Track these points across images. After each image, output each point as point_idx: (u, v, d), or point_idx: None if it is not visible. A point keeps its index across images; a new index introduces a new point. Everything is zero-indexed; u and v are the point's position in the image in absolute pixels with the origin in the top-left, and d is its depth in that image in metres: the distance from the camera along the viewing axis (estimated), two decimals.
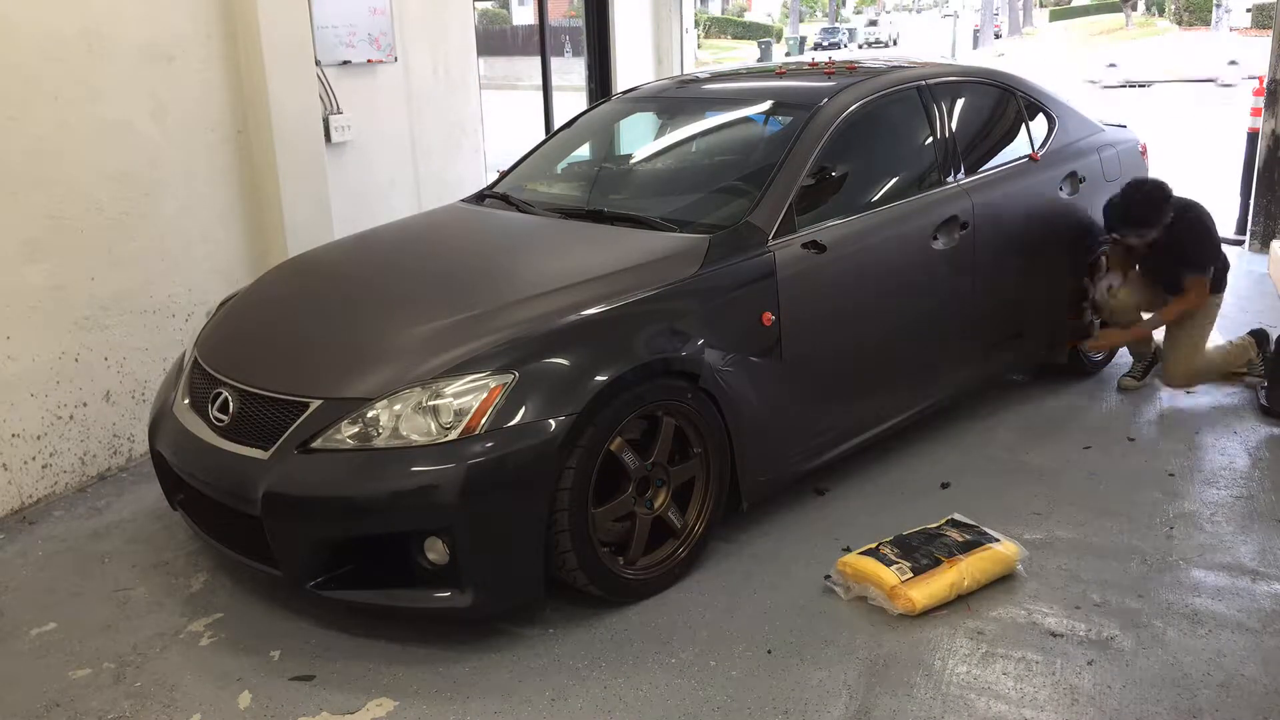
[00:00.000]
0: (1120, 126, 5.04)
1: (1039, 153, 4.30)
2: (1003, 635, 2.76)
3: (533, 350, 2.73)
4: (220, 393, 2.93)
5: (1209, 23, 28.38)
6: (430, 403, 2.62)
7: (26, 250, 3.55)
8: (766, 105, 4.03)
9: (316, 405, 2.71)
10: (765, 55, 35.64)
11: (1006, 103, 4.35)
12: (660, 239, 3.28)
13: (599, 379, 2.70)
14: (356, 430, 2.63)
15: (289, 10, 4.30)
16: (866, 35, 50.45)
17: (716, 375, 2.98)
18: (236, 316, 3.35)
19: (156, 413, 3.20)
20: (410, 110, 5.32)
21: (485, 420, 2.59)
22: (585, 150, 4.34)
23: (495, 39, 20.57)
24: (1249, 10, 35.84)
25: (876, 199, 3.67)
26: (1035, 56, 30.27)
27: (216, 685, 2.63)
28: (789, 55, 40.51)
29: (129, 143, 3.85)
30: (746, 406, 3.08)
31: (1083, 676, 2.57)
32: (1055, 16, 55.08)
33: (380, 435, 2.61)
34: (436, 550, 2.62)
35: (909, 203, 3.72)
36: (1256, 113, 6.98)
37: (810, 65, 4.38)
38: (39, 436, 3.68)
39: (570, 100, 7.75)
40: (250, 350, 3.11)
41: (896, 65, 4.07)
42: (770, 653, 2.70)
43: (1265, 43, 7.21)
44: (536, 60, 7.36)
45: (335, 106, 4.78)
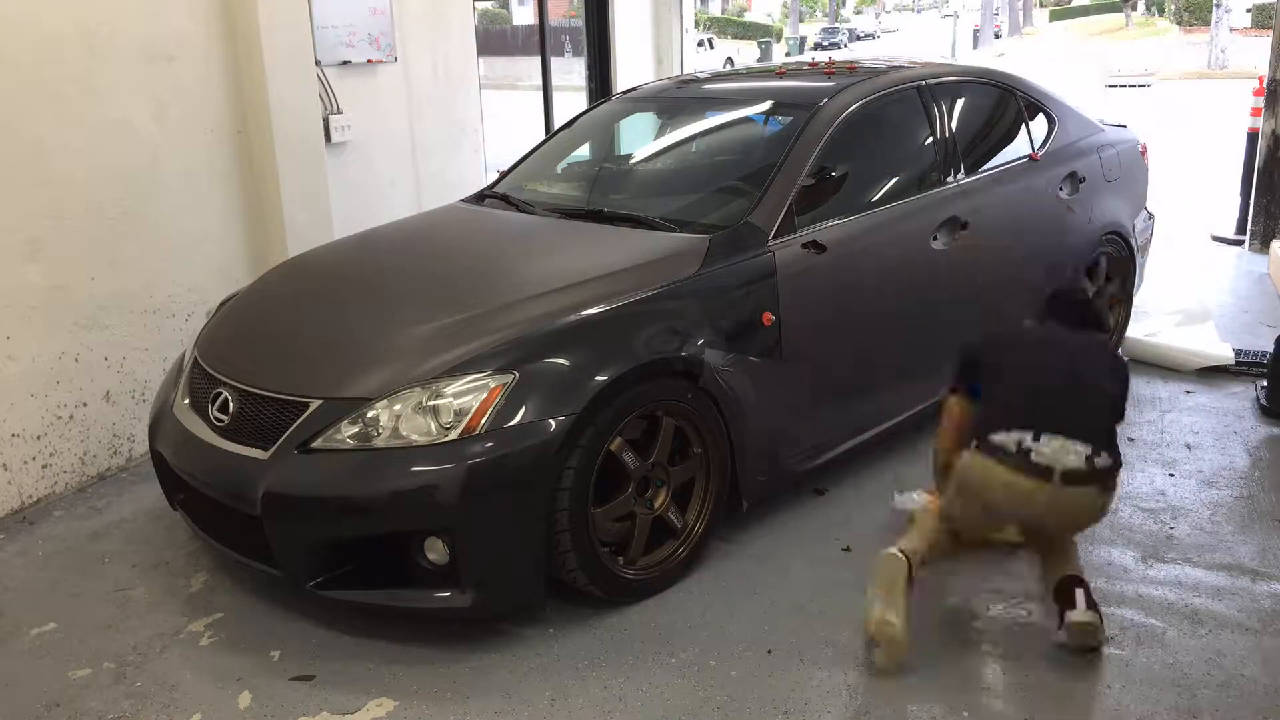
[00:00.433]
0: (1120, 126, 5.04)
1: (1039, 153, 4.30)
2: (1003, 635, 2.76)
3: (533, 350, 2.73)
4: (220, 393, 2.93)
5: (1209, 23, 28.36)
6: (430, 403, 2.62)
7: (26, 250, 3.55)
8: (766, 105, 4.03)
9: (316, 405, 2.71)
10: (765, 55, 35.64)
11: (1006, 103, 4.35)
12: (660, 239, 3.28)
13: (599, 379, 2.70)
14: (356, 430, 2.64)
15: (289, 10, 4.30)
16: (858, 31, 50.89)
17: (716, 375, 2.98)
18: (236, 316, 3.35)
19: (156, 413, 3.20)
20: (410, 110, 5.32)
21: (485, 420, 2.59)
22: (585, 150, 4.34)
23: (495, 39, 20.58)
24: (1249, 10, 35.80)
25: (876, 199, 3.68)
26: (1036, 56, 30.24)
27: (216, 685, 2.63)
28: (789, 55, 40.50)
29: (129, 142, 3.85)
30: (746, 406, 3.08)
31: (1083, 676, 2.57)
32: (1055, 16, 55.05)
33: (380, 435, 2.61)
34: (436, 550, 2.62)
35: (909, 203, 3.73)
36: (1256, 113, 6.96)
37: (810, 65, 4.38)
38: (39, 436, 3.68)
39: (570, 100, 7.75)
40: (250, 350, 3.11)
41: (896, 65, 4.07)
42: (770, 653, 2.70)
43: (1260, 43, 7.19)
44: (536, 60, 7.36)
45: (335, 106, 4.78)
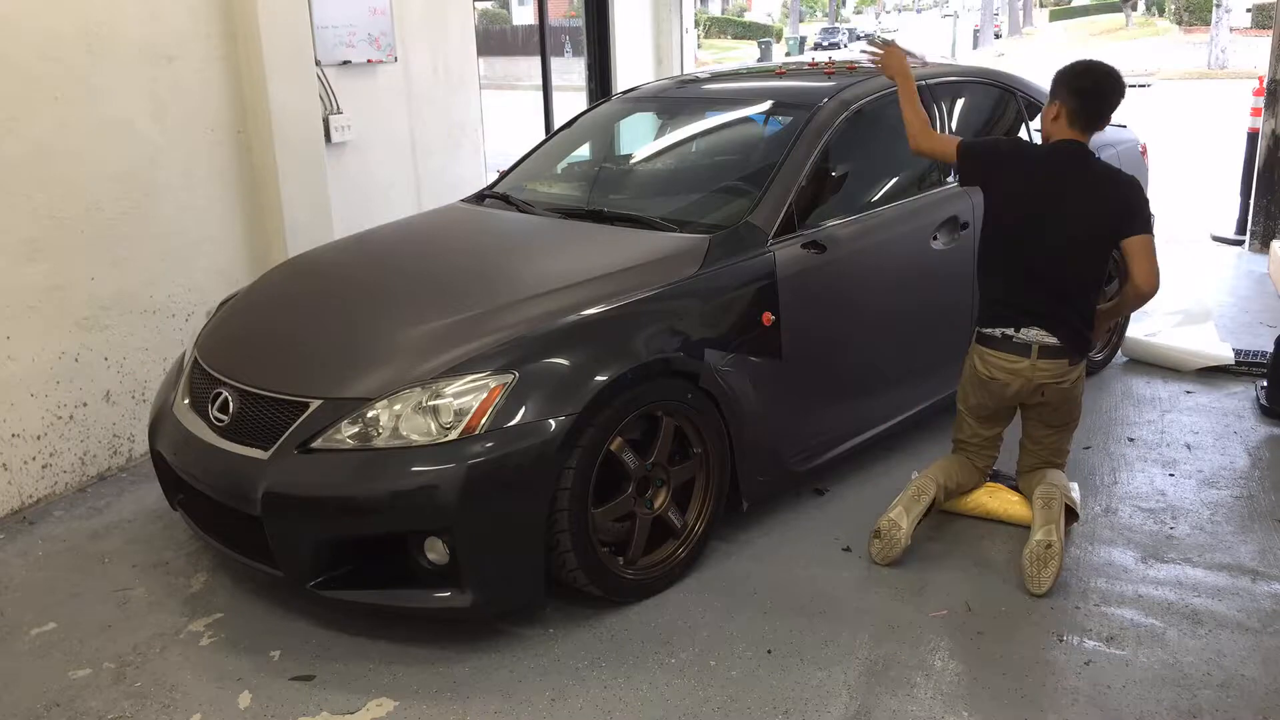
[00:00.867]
0: (1120, 126, 5.03)
1: None
2: (1003, 635, 2.76)
3: (533, 350, 2.73)
4: (220, 393, 2.93)
5: (1209, 23, 28.33)
6: (430, 403, 2.62)
7: (26, 250, 3.55)
8: (766, 105, 4.03)
9: (316, 405, 2.71)
10: (765, 55, 35.65)
11: (1006, 102, 4.35)
12: (660, 239, 3.28)
13: (599, 379, 2.70)
14: (356, 430, 2.63)
15: (289, 10, 4.30)
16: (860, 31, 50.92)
17: (716, 375, 2.98)
18: (236, 316, 3.35)
19: (156, 413, 3.20)
20: (410, 110, 5.32)
21: (485, 420, 2.59)
22: (585, 150, 4.34)
23: (495, 39, 20.57)
24: (1249, 10, 35.76)
25: (876, 199, 3.68)
26: (1036, 56, 30.25)
27: (216, 685, 2.63)
28: (789, 55, 40.51)
29: (129, 143, 3.85)
30: (746, 406, 3.08)
31: (1082, 676, 2.57)
32: (1055, 16, 55.02)
33: (380, 435, 2.61)
34: (436, 550, 2.62)
35: (909, 203, 3.73)
36: (1257, 113, 6.96)
37: (810, 65, 4.38)
38: (39, 436, 3.68)
39: (570, 100, 7.75)
40: (250, 350, 3.11)
41: None
42: (770, 653, 2.70)
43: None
44: (536, 60, 7.36)
45: (335, 106, 4.78)
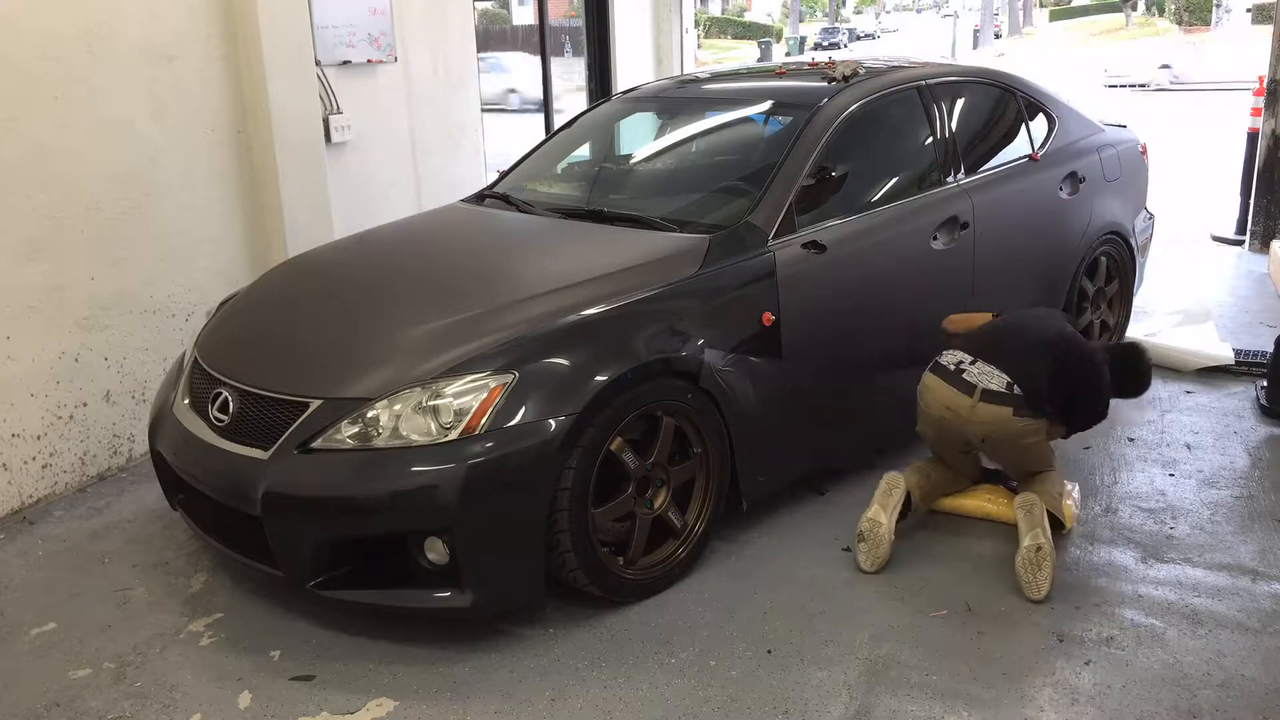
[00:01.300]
0: (1120, 126, 5.04)
1: (1039, 152, 4.30)
2: (1003, 635, 2.76)
3: (533, 350, 2.73)
4: (220, 393, 2.93)
5: (1209, 23, 28.34)
6: (430, 403, 2.62)
7: (26, 250, 3.55)
8: (766, 105, 4.03)
9: (316, 405, 2.71)
10: (765, 55, 35.66)
11: (1006, 102, 4.35)
12: (660, 239, 3.28)
13: (599, 379, 2.70)
14: (356, 430, 2.63)
15: (289, 10, 4.30)
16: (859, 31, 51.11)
17: (716, 375, 2.98)
18: (236, 316, 3.35)
19: (156, 413, 3.20)
20: (410, 110, 5.32)
21: (485, 420, 2.59)
22: (585, 150, 4.34)
23: (495, 38, 20.55)
24: (1249, 10, 35.75)
25: (876, 199, 3.67)
26: (1036, 56, 30.27)
27: (216, 685, 2.63)
28: (789, 55, 40.51)
29: (129, 143, 3.85)
30: (747, 406, 3.08)
31: (1082, 676, 2.57)
32: (1055, 16, 55.02)
33: (380, 435, 2.61)
34: (436, 550, 2.62)
35: (909, 203, 3.73)
36: (1257, 113, 6.95)
37: (810, 65, 4.38)
38: (39, 436, 3.68)
39: (570, 100, 7.75)
40: (250, 350, 3.11)
41: (896, 65, 4.07)
42: (770, 653, 2.70)
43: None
44: (536, 60, 7.36)
45: (335, 106, 4.78)
